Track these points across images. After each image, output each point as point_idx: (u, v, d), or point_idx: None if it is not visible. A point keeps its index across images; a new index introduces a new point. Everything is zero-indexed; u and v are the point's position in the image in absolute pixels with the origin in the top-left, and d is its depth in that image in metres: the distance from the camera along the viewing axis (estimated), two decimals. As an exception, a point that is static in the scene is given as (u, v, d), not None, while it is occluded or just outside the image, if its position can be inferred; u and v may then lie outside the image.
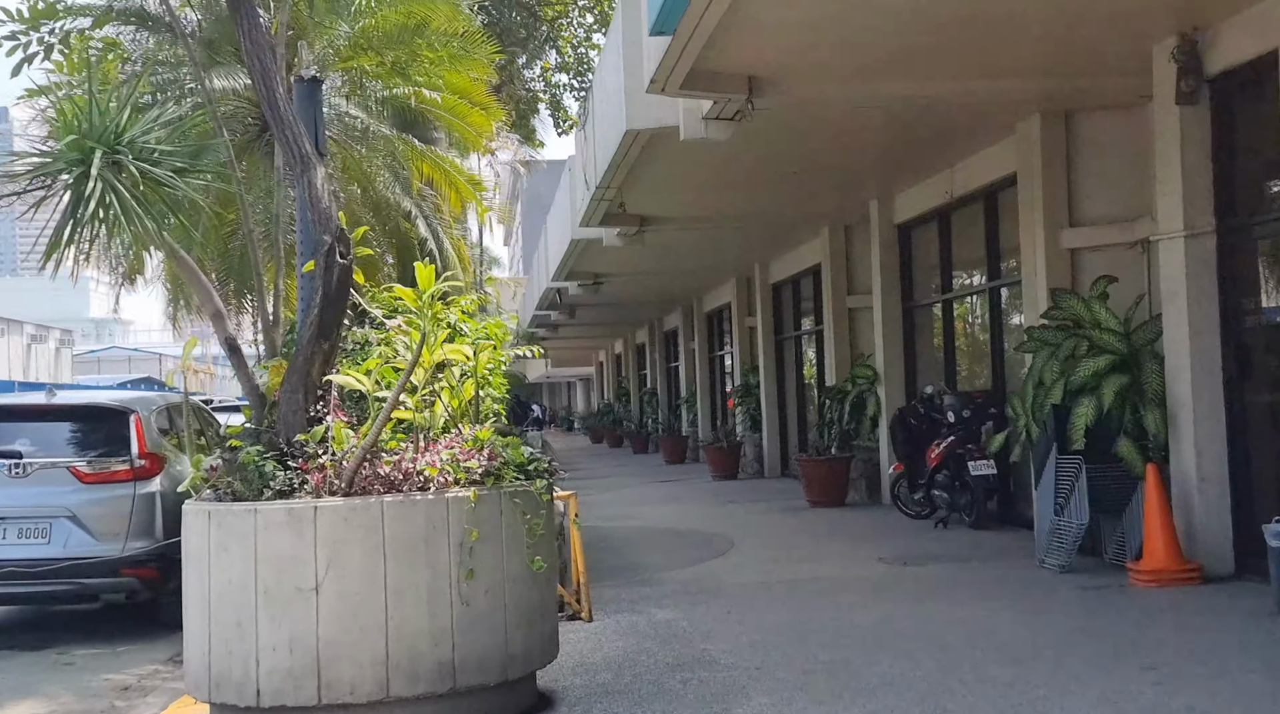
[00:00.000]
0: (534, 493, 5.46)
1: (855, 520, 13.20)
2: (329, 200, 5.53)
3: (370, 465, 5.26)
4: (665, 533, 13.12)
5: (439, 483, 5.23)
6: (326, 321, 5.48)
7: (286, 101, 5.61)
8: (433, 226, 11.63)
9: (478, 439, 5.50)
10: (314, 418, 5.40)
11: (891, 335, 14.40)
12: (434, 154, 11.63)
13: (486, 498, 5.29)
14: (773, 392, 20.41)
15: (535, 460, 5.60)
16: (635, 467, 26.46)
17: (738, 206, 15.01)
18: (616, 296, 25.24)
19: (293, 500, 5.13)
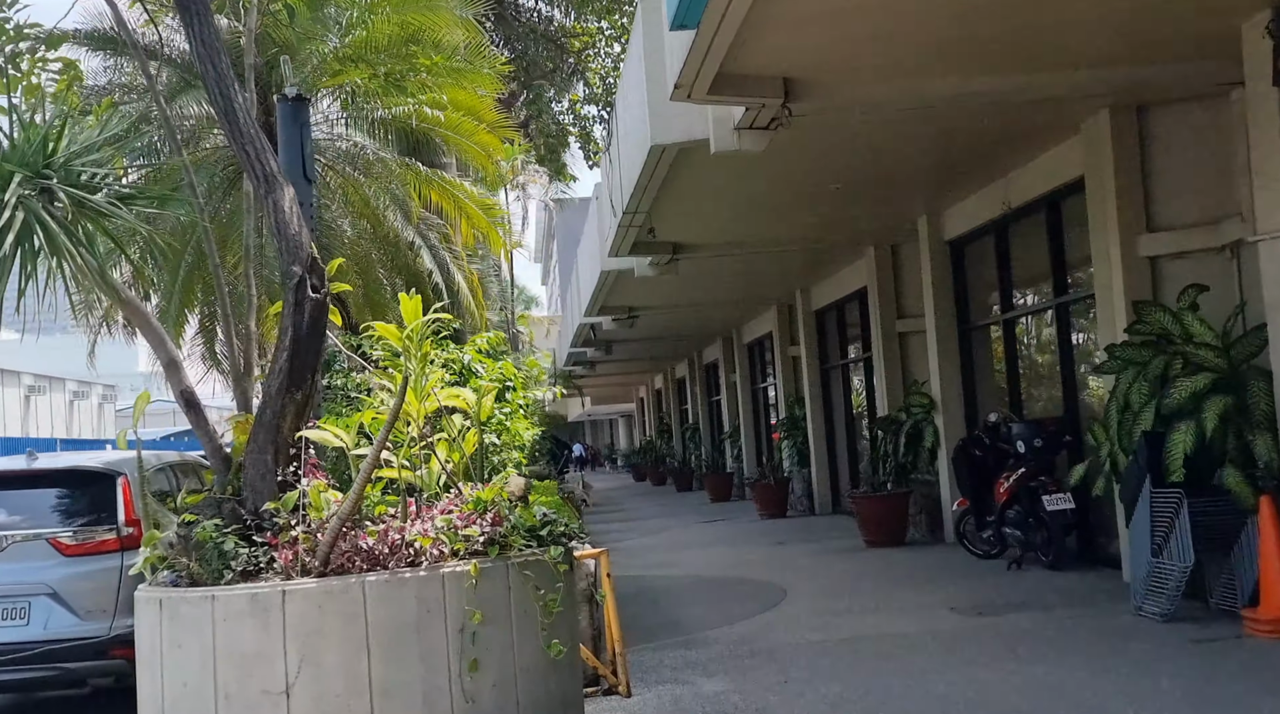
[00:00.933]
0: (548, 562, 4.54)
1: (918, 562, 12.16)
2: (299, 226, 4.71)
3: (350, 538, 4.38)
4: (711, 582, 12.14)
5: (432, 556, 4.35)
6: (298, 368, 4.63)
7: (247, 113, 4.80)
8: (439, 258, 10.80)
9: (479, 501, 4.60)
10: (286, 482, 4.54)
11: (947, 360, 13.39)
12: (440, 179, 10.81)
13: (490, 572, 4.38)
14: (820, 424, 19.41)
15: (550, 523, 4.69)
16: (679, 506, 25.47)
17: (775, 229, 14.12)
18: (653, 330, 24.39)
19: (257, 583, 4.26)
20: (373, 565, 4.32)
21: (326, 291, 4.71)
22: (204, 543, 4.37)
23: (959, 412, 13.35)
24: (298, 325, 4.63)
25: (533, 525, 4.62)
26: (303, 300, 4.65)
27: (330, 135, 10.60)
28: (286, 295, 4.68)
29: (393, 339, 4.62)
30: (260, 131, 4.86)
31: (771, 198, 12.16)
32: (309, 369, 4.69)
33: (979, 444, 11.40)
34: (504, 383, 7.66)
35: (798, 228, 14.10)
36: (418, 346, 4.67)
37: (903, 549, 13.37)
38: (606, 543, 18.59)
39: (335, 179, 10.53)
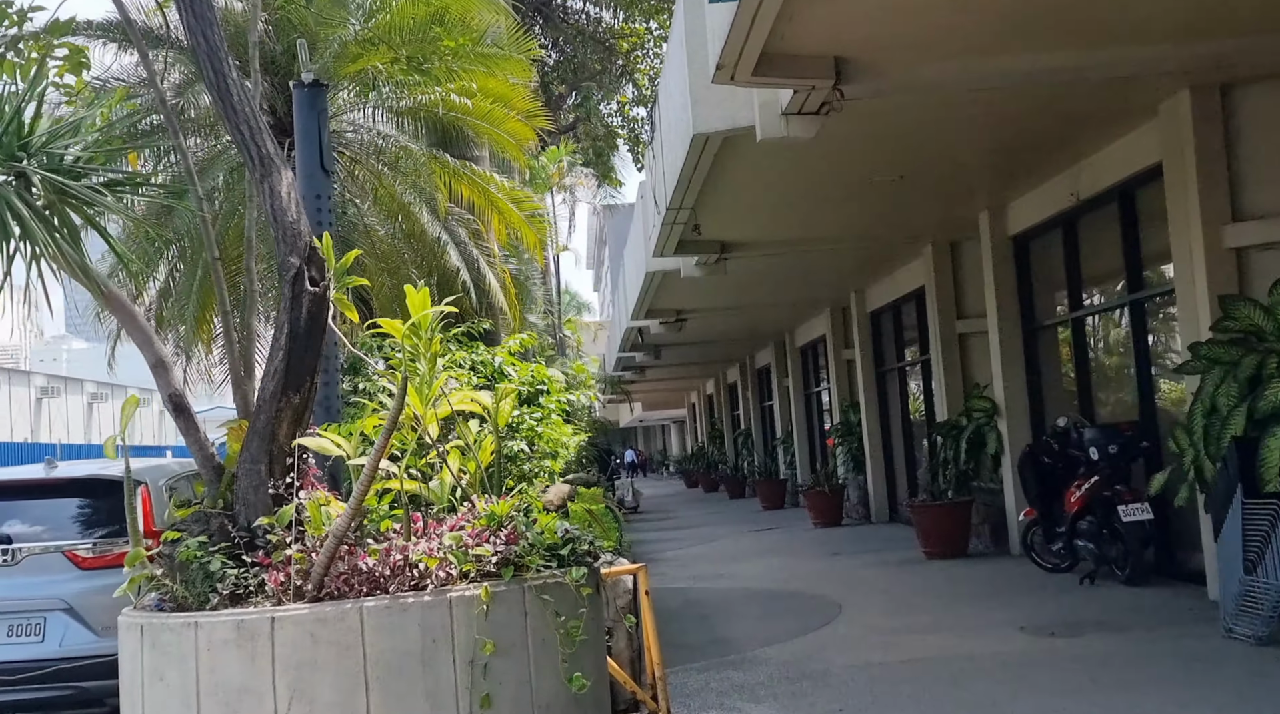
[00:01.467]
0: (570, 585, 4.03)
1: (981, 575, 11.50)
2: (296, 213, 4.25)
3: (347, 558, 3.92)
4: (762, 595, 11.58)
5: (439, 578, 3.86)
6: (295, 369, 4.17)
7: (242, 90, 4.36)
8: (468, 255, 10.29)
9: (493, 516, 4.10)
10: (282, 495, 4.09)
11: (1011, 362, 12.72)
12: (470, 171, 10.31)
13: (504, 596, 3.89)
14: (876, 429, 18.74)
15: (572, 540, 4.18)
16: (730, 513, 24.88)
17: (827, 226, 13.53)
18: (702, 334, 23.85)
19: (244, 609, 3.81)
20: (373, 589, 3.85)
21: (327, 284, 4.25)
22: (189, 562, 3.93)
23: (1024, 416, 12.67)
24: (295, 322, 4.17)
25: (553, 543, 4.11)
26: (300, 294, 4.19)
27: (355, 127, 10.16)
28: (283, 289, 4.23)
29: (397, 336, 4.14)
30: (257, 111, 4.42)
31: (822, 191, 11.58)
32: (307, 370, 4.23)
33: (1047, 451, 10.74)
34: (535, 386, 7.19)
35: (851, 224, 13.51)
36: (426, 344, 4.19)
37: (965, 561, 12.70)
38: (655, 552, 18.11)
39: (363, 173, 10.08)
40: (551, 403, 7.17)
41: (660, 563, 15.43)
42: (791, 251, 14.52)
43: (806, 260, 15.68)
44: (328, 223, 5.96)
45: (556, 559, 4.05)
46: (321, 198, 5.98)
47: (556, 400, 7.45)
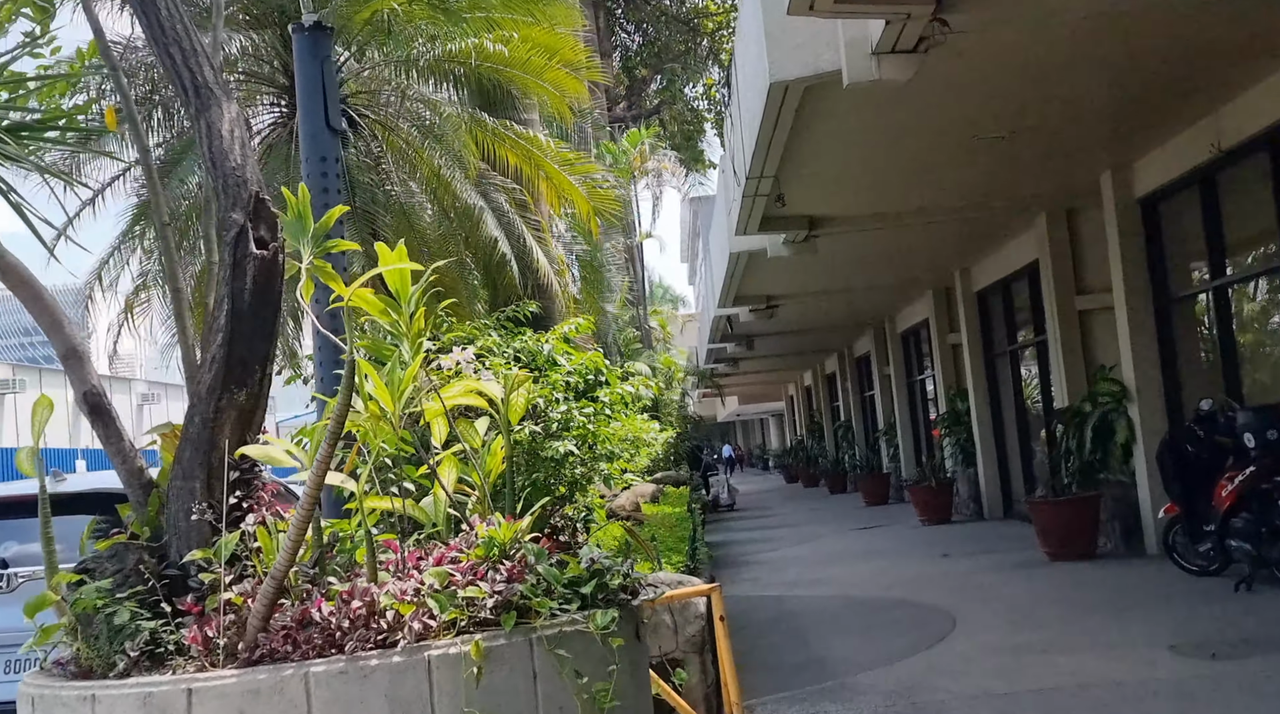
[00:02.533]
0: (595, 634, 2.98)
1: (1114, 581, 10.16)
2: (241, 156, 3.32)
3: (297, 605, 2.95)
4: (864, 605, 10.41)
5: (414, 630, 2.85)
6: (239, 356, 3.23)
7: (173, 4, 3.43)
8: (509, 225, 9.23)
9: (492, 543, 3.08)
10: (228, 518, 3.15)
11: (1142, 340, 11.32)
12: (512, 132, 9.22)
13: (503, 652, 2.87)
14: (986, 418, 17.34)
15: (600, 573, 3.13)
16: (831, 510, 23.63)
17: (926, 195, 12.26)
18: (796, 322, 22.63)
19: (156, 677, 2.87)
20: (326, 647, 2.86)
21: (279, 247, 3.29)
22: (91, 613, 3.01)
23: (1158, 400, 11.27)
24: (237, 295, 3.23)
25: (576, 577, 3.07)
26: (244, 259, 3.24)
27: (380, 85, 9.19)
28: (222, 253, 3.29)
29: (374, 312, 3.15)
30: (193, 30, 3.48)
31: (920, 155, 10.35)
32: (257, 358, 3.28)
33: (1190, 438, 9.36)
34: (586, 377, 6.20)
35: (953, 193, 12.21)
36: (407, 321, 3.20)
37: (1093, 564, 11.35)
38: (750, 554, 17.02)
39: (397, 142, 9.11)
40: (606, 395, 6.16)
41: (754, 567, 14.34)
42: (887, 226, 13.27)
43: (904, 236, 14.40)
44: (335, 191, 5.03)
45: (579, 600, 3.01)
46: (327, 162, 5.05)
47: (617, 393, 6.44)
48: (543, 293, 8.68)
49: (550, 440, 5.62)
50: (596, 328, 16.30)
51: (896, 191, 11.91)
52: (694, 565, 6.07)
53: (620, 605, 3.07)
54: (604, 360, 6.48)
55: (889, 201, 12.39)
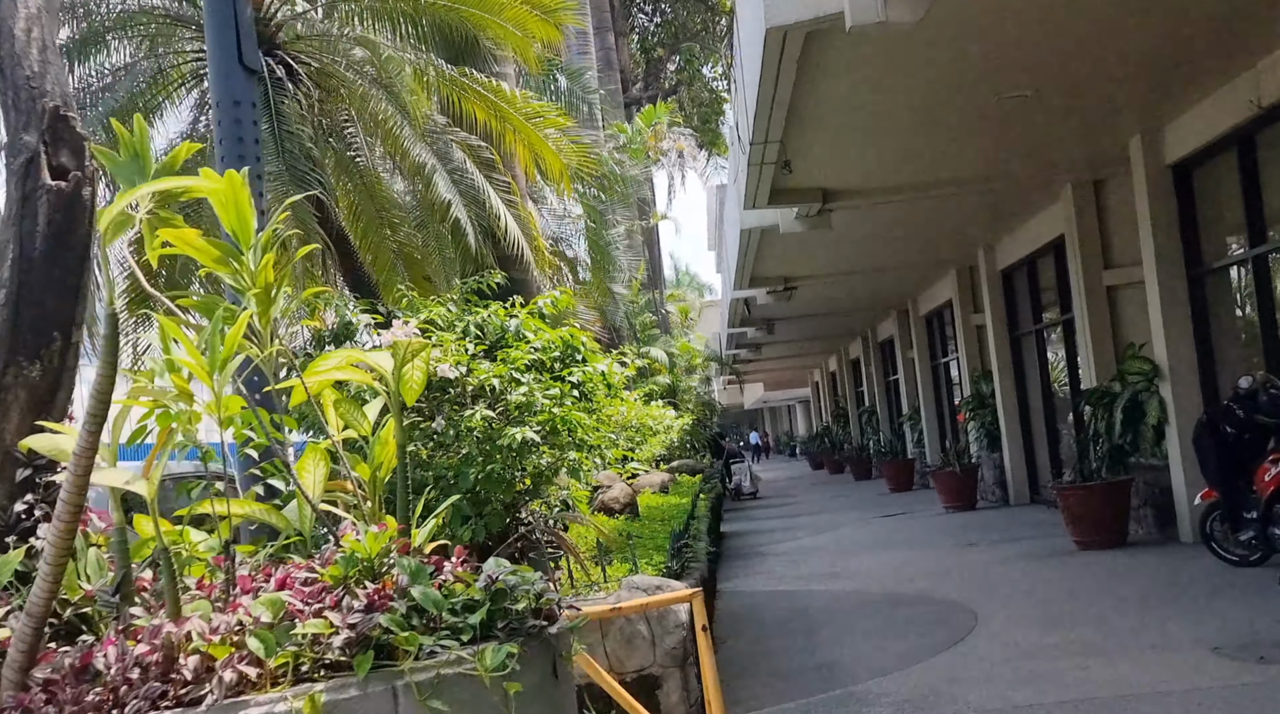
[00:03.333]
0: (484, 678, 2.29)
1: (1148, 571, 9.52)
2: (41, 63, 2.74)
3: (70, 653, 2.33)
4: (882, 600, 9.81)
5: (224, 682, 2.18)
6: (29, 319, 2.67)
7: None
8: (470, 185, 8.32)
9: (353, 559, 2.42)
10: (17, 528, 2.60)
11: (1175, 314, 10.64)
12: (476, 81, 8.34)
13: (353, 708, 2.18)
14: (1012, 401, 16.66)
15: (502, 593, 2.45)
16: (854, 497, 22.99)
17: (945, 166, 11.61)
18: (816, 305, 22.00)
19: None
20: (106, 707, 2.22)
21: (85, 177, 2.71)
22: None
23: (1192, 378, 10.60)
24: (27, 239, 2.65)
25: (471, 601, 2.42)
26: (35, 193, 2.67)
27: (314, 28, 8.41)
28: (9, 184, 2.71)
29: (204, 260, 2.52)
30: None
31: (937, 116, 9.71)
32: (55, 322, 2.71)
33: (1230, 418, 8.70)
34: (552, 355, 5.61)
35: (975, 162, 11.55)
36: (250, 272, 2.55)
37: (1125, 553, 10.70)
38: (769, 544, 16.44)
39: (335, 87, 8.27)
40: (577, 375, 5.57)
41: (770, 559, 13.76)
42: (905, 200, 12.63)
43: (924, 211, 13.76)
44: (253, 141, 4.47)
45: (470, 631, 2.36)
46: (242, 106, 4.48)
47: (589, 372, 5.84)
48: (513, 264, 8.02)
49: (510, 426, 5.06)
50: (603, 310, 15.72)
51: (914, 162, 11.27)
52: (680, 566, 5.52)
53: (529, 635, 2.41)
54: (581, 335, 5.89)
55: (907, 173, 11.75)
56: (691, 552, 5.84)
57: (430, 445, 5.18)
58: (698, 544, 7.06)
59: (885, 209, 13.17)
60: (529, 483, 5.33)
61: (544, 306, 6.27)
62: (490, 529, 5.24)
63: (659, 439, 15.78)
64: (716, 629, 9.14)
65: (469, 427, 5.05)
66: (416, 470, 5.08)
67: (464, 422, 5.05)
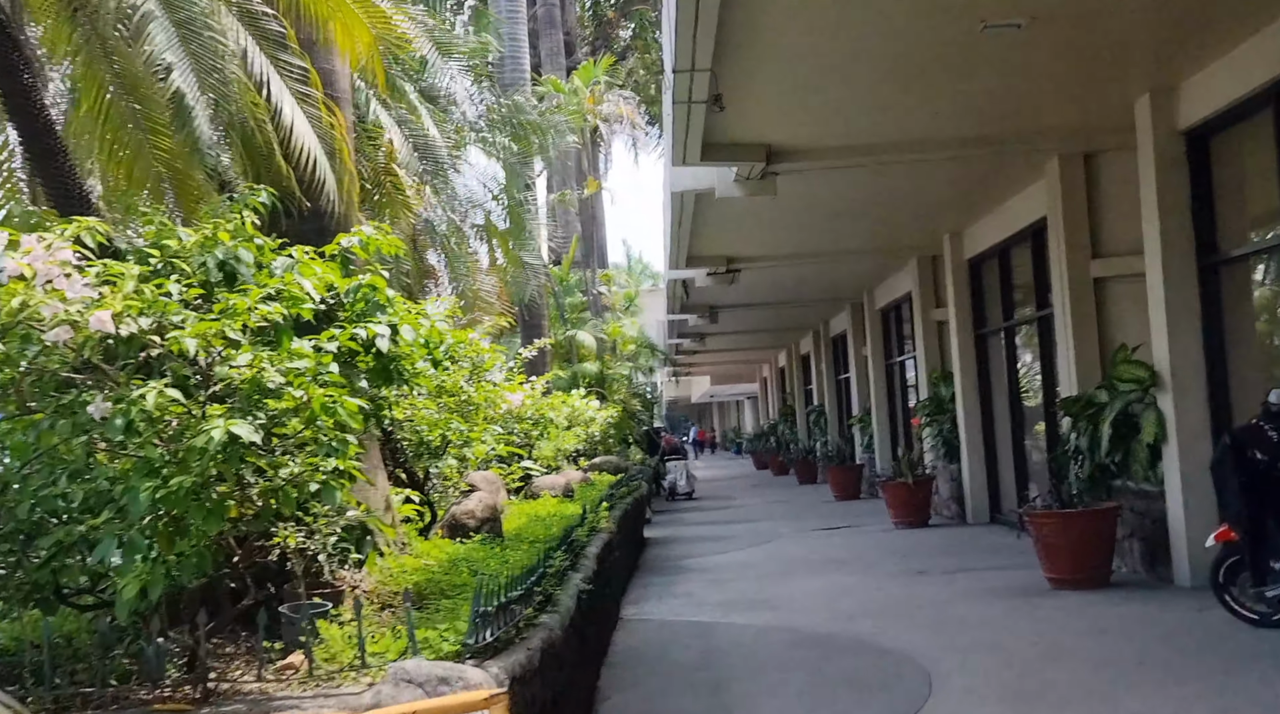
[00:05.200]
0: None
1: (1144, 626, 7.70)
2: None
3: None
4: (813, 645, 7.94)
5: None
6: None
7: None
8: (217, 51, 6.02)
9: None
10: None
11: (1182, 311, 8.86)
12: None
13: None
14: (974, 406, 14.89)
15: None
16: (796, 504, 21.18)
17: (913, 124, 9.76)
18: (764, 292, 20.14)
19: None
20: None
21: None
22: None
23: (1199, 389, 8.83)
24: None
25: None
26: None
27: None
28: None
29: None
30: None
31: (906, 50, 7.83)
32: None
33: (1260, 442, 6.86)
34: (294, 301, 3.65)
35: (949, 120, 9.70)
36: None
37: (1109, 596, 8.90)
38: (694, 555, 14.52)
39: None
40: (327, 343, 3.62)
41: (693, 576, 11.88)
42: (864, 165, 10.75)
43: (884, 183, 11.92)
44: None
45: None
46: None
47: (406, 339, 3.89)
48: (309, 185, 5.96)
49: (226, 414, 3.11)
50: (513, 282, 13.73)
51: (876, 115, 9.38)
52: (498, 638, 3.57)
53: None
54: (383, 285, 3.96)
55: (867, 129, 9.87)
56: (528, 609, 3.95)
57: (89, 441, 3.18)
58: (564, 587, 5.11)
59: (840, 177, 11.30)
60: (251, 511, 3.35)
61: (349, 246, 4.28)
62: (186, 578, 3.26)
63: (573, 434, 13.83)
64: (606, 676, 7.22)
65: (144, 413, 3.06)
66: (60, 483, 3.09)
67: (134, 405, 3.06)
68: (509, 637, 3.82)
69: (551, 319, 19.80)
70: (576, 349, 18.91)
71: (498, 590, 3.94)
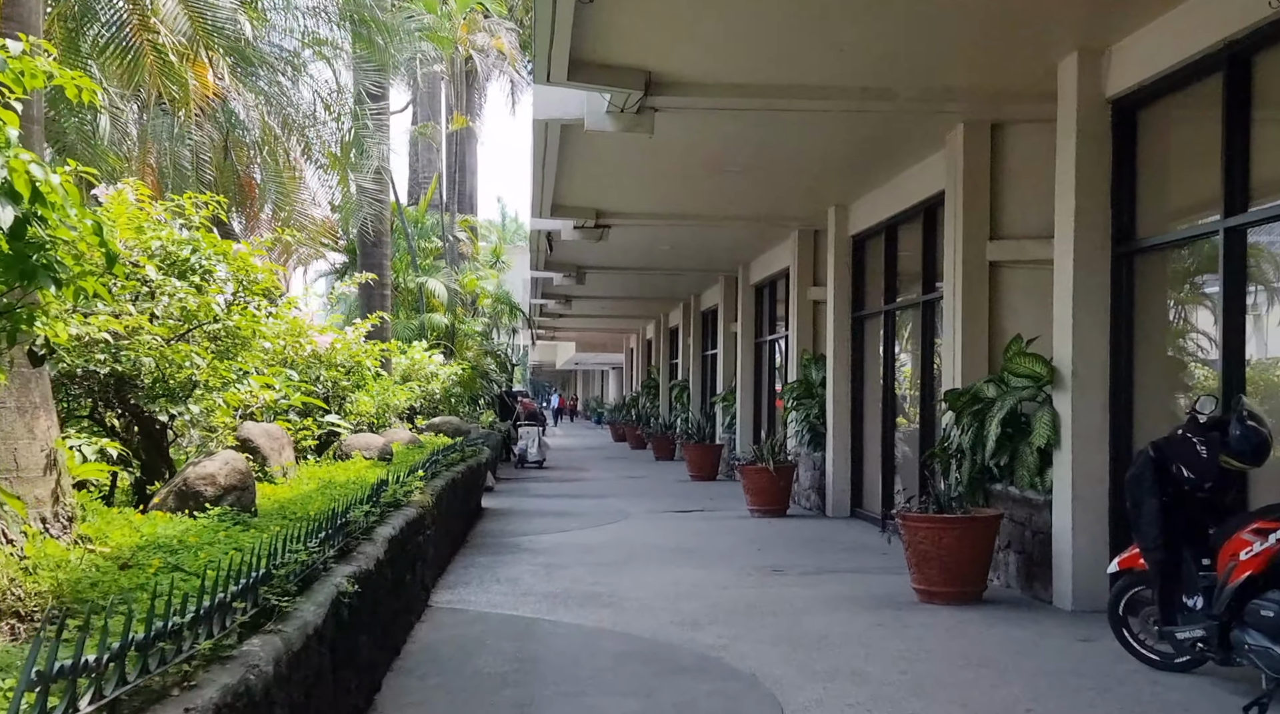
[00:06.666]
0: None
1: (1027, 657, 6.68)
2: None
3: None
4: (647, 658, 6.70)
5: None
6: None
7: None
8: None
9: None
10: None
11: (1089, 303, 7.89)
12: None
13: None
14: (844, 392, 13.93)
15: None
16: (651, 480, 20.06)
17: (812, 62, 8.57)
18: (633, 256, 18.91)
19: None
20: None
21: None
22: None
23: (1100, 390, 7.88)
24: None
25: None
26: None
27: None
28: None
29: None
30: None
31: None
32: None
33: (1188, 457, 5.82)
34: None
35: (848, 63, 8.52)
36: None
37: (985, 614, 7.90)
38: (530, 531, 12.97)
39: None
40: None
41: (523, 557, 10.57)
42: (754, 109, 9.53)
43: (774, 137, 10.76)
44: None
45: None
46: None
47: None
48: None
49: None
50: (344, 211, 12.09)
51: (773, 50, 8.13)
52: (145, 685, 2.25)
53: None
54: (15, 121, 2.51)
55: (761, 67, 8.63)
56: (227, 629, 2.60)
57: None
58: (310, 593, 3.66)
59: (727, 124, 10.09)
60: None
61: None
62: None
63: (406, 389, 12.31)
64: (389, 687, 5.85)
65: None
66: None
67: None
68: (162, 685, 2.44)
69: (399, 263, 18.13)
70: (426, 298, 17.30)
71: (181, 602, 2.55)
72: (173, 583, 3.08)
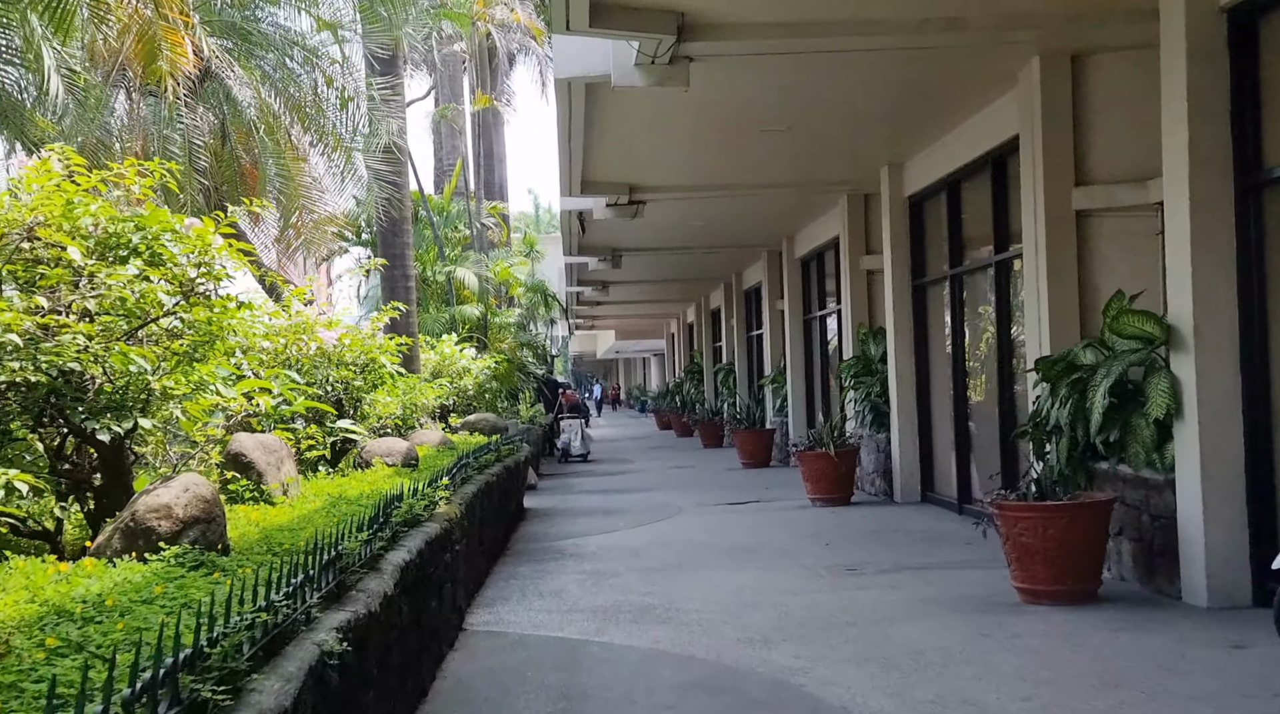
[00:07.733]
0: None
1: (1170, 671, 5.58)
2: None
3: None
4: (713, 689, 5.67)
5: None
6: None
7: None
8: None
9: None
10: None
11: (1212, 249, 6.75)
12: None
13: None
14: (908, 367, 12.83)
15: None
16: (699, 471, 19.03)
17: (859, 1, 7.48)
18: (670, 235, 17.86)
19: None
20: None
21: None
22: None
23: (1229, 348, 6.74)
24: None
25: None
26: None
27: None
28: None
29: None
30: None
31: None
32: None
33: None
34: None
35: None
36: None
37: (1104, 615, 6.79)
38: (576, 533, 11.71)
39: None
40: None
41: (567, 565, 9.58)
42: (801, 51, 8.45)
43: (822, 84, 9.65)
44: None
45: None
46: None
47: None
48: None
49: None
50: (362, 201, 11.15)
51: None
52: None
53: None
54: None
55: (809, 1, 7.54)
56: None
57: None
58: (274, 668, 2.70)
59: (770, 73, 9.02)
60: None
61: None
62: None
63: (434, 387, 11.35)
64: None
65: None
66: None
67: None
68: None
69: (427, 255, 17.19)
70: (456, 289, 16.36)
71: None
72: (52, 682, 2.09)
